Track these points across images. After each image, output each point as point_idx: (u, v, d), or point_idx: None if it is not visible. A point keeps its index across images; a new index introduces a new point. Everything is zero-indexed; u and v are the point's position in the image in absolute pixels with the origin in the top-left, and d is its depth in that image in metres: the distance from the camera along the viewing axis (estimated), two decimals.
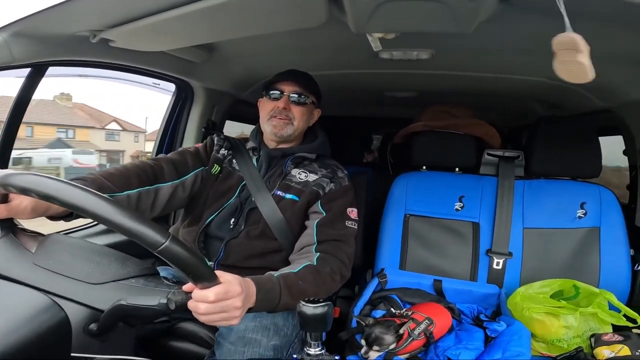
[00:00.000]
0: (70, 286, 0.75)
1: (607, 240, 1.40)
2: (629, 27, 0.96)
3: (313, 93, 1.30)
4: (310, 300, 0.74)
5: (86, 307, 0.75)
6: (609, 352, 1.09)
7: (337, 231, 1.16)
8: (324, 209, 1.19)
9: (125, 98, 14.01)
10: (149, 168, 1.16)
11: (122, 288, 0.77)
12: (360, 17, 0.93)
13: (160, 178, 1.17)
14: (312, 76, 1.32)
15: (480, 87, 1.84)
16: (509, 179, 1.49)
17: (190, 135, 1.82)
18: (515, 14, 0.90)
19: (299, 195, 1.21)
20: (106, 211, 0.63)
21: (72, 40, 1.07)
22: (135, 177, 1.11)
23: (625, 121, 1.62)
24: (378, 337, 1.06)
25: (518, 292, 1.29)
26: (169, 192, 1.19)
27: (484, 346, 1.10)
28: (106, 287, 0.77)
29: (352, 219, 1.21)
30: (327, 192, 1.22)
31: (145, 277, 0.82)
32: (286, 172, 1.25)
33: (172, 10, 0.93)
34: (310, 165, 1.27)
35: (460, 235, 1.49)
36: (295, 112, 1.26)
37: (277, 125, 1.25)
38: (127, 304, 0.72)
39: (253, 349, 1.03)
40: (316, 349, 0.76)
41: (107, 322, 0.74)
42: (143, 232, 0.63)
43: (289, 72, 1.30)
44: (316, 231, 1.15)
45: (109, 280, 0.78)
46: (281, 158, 1.28)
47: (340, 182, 1.25)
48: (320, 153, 1.31)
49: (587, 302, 1.26)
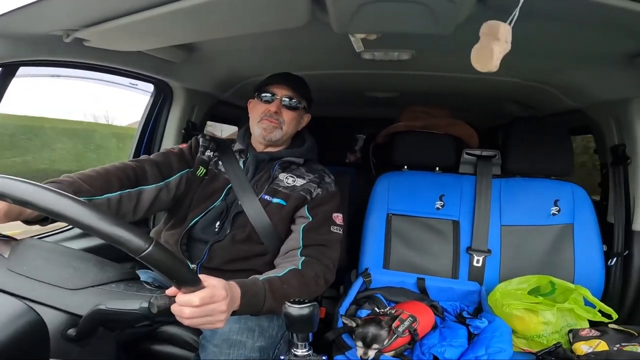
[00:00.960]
0: (47, 292, 0.73)
1: (581, 237, 1.45)
2: (597, 28, 1.00)
3: (305, 98, 1.30)
4: (296, 301, 0.73)
5: (63, 312, 0.73)
6: (587, 347, 1.13)
7: (322, 236, 1.16)
8: (310, 214, 1.19)
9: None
10: (131, 170, 1.12)
11: (102, 293, 0.75)
12: (343, 17, 0.93)
13: (143, 180, 1.14)
14: (305, 81, 1.31)
15: (459, 88, 1.87)
16: (487, 178, 1.53)
17: (169, 136, 1.78)
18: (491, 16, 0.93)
19: (286, 200, 1.21)
20: (85, 216, 0.61)
21: (44, 39, 1.04)
22: (116, 180, 1.07)
23: (596, 121, 1.68)
24: (375, 336, 1.07)
25: (498, 288, 1.32)
26: (152, 194, 1.16)
27: (467, 343, 1.12)
28: (85, 293, 0.75)
29: (338, 224, 1.21)
30: (314, 197, 1.21)
31: (125, 282, 0.80)
32: (274, 177, 1.24)
33: (150, 10, 0.90)
34: (298, 170, 1.27)
35: (441, 234, 1.51)
36: (286, 117, 1.25)
37: (266, 128, 1.24)
38: (106, 308, 0.71)
39: (238, 351, 1.02)
40: (303, 349, 0.76)
41: (86, 327, 0.73)
42: (125, 238, 0.62)
43: (283, 75, 1.29)
44: (302, 236, 1.15)
45: (88, 285, 0.76)
46: (269, 162, 1.27)
47: (327, 187, 1.25)
48: (308, 158, 1.31)
49: (563, 297, 1.30)
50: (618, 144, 1.55)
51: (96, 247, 1.40)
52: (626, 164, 1.53)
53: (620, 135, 1.55)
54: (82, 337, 0.73)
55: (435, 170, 1.60)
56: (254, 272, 1.02)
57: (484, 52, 0.70)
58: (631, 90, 1.41)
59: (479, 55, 0.71)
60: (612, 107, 1.54)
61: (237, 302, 0.86)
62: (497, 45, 0.69)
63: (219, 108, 2.02)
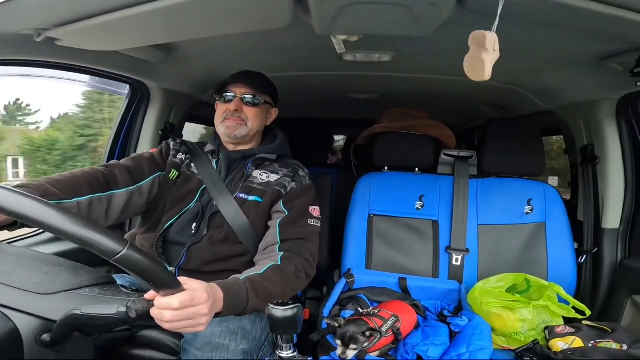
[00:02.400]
0: (18, 297, 0.71)
1: (553, 235, 1.50)
2: (568, 31, 1.04)
3: (267, 93, 1.30)
4: (280, 303, 0.73)
5: (36, 317, 0.71)
6: (563, 344, 1.17)
7: (299, 229, 1.16)
8: (286, 208, 1.18)
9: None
10: (100, 175, 1.12)
11: (75, 298, 0.74)
12: (325, 18, 0.93)
13: (113, 185, 1.13)
14: (266, 76, 1.32)
15: (437, 89, 1.91)
16: (464, 178, 1.57)
17: (146, 138, 1.74)
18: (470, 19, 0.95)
19: (261, 197, 1.20)
20: (55, 220, 0.59)
21: (14, 39, 0.99)
22: (85, 184, 1.06)
23: (566, 122, 1.75)
24: (353, 336, 1.07)
25: (477, 287, 1.35)
26: (124, 198, 1.14)
27: (449, 341, 1.14)
28: (57, 297, 0.73)
29: (315, 217, 1.21)
30: (289, 191, 1.21)
31: (100, 286, 0.79)
32: (247, 175, 1.24)
33: (127, 9, 0.88)
34: (271, 166, 1.27)
35: (421, 233, 1.54)
36: (249, 113, 1.25)
37: (229, 127, 1.24)
38: (81, 313, 0.69)
39: (221, 354, 1.01)
40: (288, 351, 0.76)
41: (61, 333, 0.71)
42: (98, 241, 0.59)
43: (240, 73, 1.29)
44: (279, 230, 1.14)
45: (60, 290, 0.74)
46: (241, 160, 1.26)
47: (301, 180, 1.25)
48: (281, 154, 1.31)
49: (538, 295, 1.34)
50: (587, 144, 1.61)
51: (69, 252, 1.35)
52: (595, 163, 1.59)
53: (589, 136, 1.61)
54: (57, 342, 0.71)
55: (415, 171, 1.63)
56: (234, 273, 1.02)
57: (476, 63, 0.72)
58: (600, 92, 1.47)
59: (471, 65, 0.73)
60: (581, 108, 1.60)
61: (220, 304, 0.85)
62: (486, 55, 0.71)
63: (198, 109, 1.98)
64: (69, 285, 0.75)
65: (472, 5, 0.85)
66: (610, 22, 0.86)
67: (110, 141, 1.73)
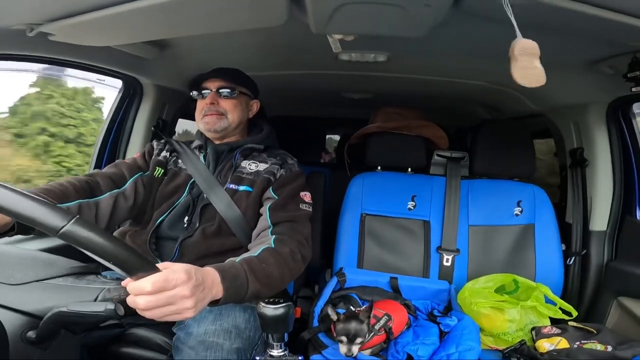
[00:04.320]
0: None
1: (541, 236, 1.51)
2: (560, 35, 1.05)
3: (243, 85, 1.30)
4: (271, 302, 0.73)
5: (21, 314, 0.70)
6: (549, 345, 1.18)
7: (290, 213, 1.16)
8: (276, 194, 1.19)
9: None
10: (84, 182, 1.13)
11: (46, 287, 0.73)
12: (320, 17, 0.93)
13: (97, 191, 1.15)
14: (240, 70, 1.32)
15: (431, 90, 1.92)
16: (456, 179, 1.58)
17: (138, 134, 1.72)
18: (464, 21, 0.96)
19: (251, 186, 1.21)
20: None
21: (6, 33, 0.98)
22: (72, 191, 1.07)
23: (556, 124, 1.77)
24: (358, 330, 1.08)
25: (466, 287, 1.37)
26: (110, 202, 1.15)
27: (439, 341, 1.16)
28: (28, 287, 0.72)
29: (306, 202, 1.21)
30: (279, 178, 1.22)
31: (75, 276, 0.78)
32: (236, 165, 1.24)
33: (121, 5, 0.87)
34: (260, 156, 1.28)
35: (412, 234, 1.55)
36: (226, 106, 1.26)
37: (209, 122, 1.25)
38: (67, 310, 0.68)
39: (215, 353, 1.00)
40: (279, 350, 0.76)
41: (47, 330, 0.70)
42: (38, 213, 0.54)
43: (214, 69, 1.30)
44: (269, 214, 1.14)
45: (32, 280, 0.73)
46: (229, 152, 1.27)
47: (290, 167, 1.25)
48: (268, 144, 1.31)
49: (526, 295, 1.35)
50: (576, 147, 1.63)
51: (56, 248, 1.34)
52: (584, 166, 1.61)
53: (579, 139, 1.63)
54: (43, 339, 0.71)
55: (407, 171, 1.64)
56: None
57: (533, 72, 0.75)
58: (590, 95, 1.48)
59: (530, 76, 0.75)
60: (571, 111, 1.62)
61: (218, 289, 0.80)
62: (538, 62, 0.74)
63: (191, 105, 1.97)
64: (41, 275, 0.74)
65: (468, 7, 0.86)
66: (602, 25, 0.87)
67: (101, 137, 1.71)
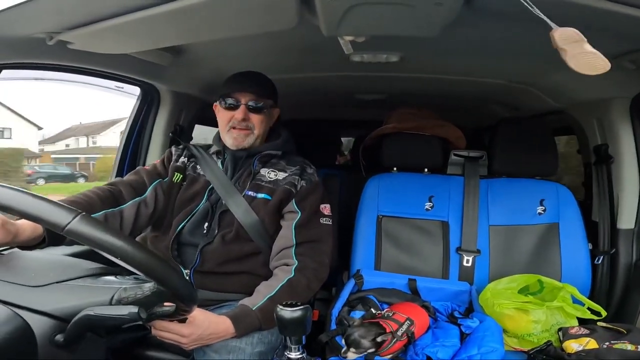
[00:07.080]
0: (10, 290, 0.72)
1: (566, 235, 1.47)
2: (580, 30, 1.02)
3: (269, 96, 1.28)
4: (289, 304, 0.73)
5: (49, 317, 0.71)
6: (577, 346, 1.14)
7: (313, 231, 1.18)
8: (299, 208, 1.19)
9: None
10: (108, 192, 1.15)
11: (65, 288, 0.75)
12: (331, 20, 0.93)
13: (121, 200, 1.17)
14: (265, 76, 1.29)
15: (446, 89, 1.90)
16: (474, 179, 1.55)
17: (156, 140, 1.76)
18: (478, 18, 0.94)
19: (271, 194, 1.21)
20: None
21: (26, 42, 1.01)
22: (97, 201, 1.10)
23: (578, 121, 1.72)
24: (356, 340, 1.06)
25: (488, 288, 1.33)
26: (133, 211, 1.17)
27: (460, 343, 1.13)
28: (48, 289, 0.74)
29: (326, 215, 1.23)
30: (299, 190, 1.22)
31: (94, 277, 0.79)
32: (255, 172, 1.24)
33: (137, 12, 0.89)
34: (278, 164, 1.27)
35: (430, 235, 1.52)
36: (255, 120, 1.24)
37: (237, 137, 1.24)
38: (94, 314, 0.69)
39: (237, 357, 1.03)
40: (296, 352, 0.76)
41: (74, 333, 0.71)
42: (44, 211, 0.56)
43: (242, 79, 1.26)
44: (295, 233, 1.16)
45: (51, 282, 0.75)
46: (247, 158, 1.27)
47: (310, 178, 1.25)
48: (286, 150, 1.31)
49: (552, 296, 1.31)
50: (601, 143, 1.59)
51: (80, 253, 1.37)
52: (609, 163, 1.56)
53: (603, 135, 1.58)
54: (70, 342, 0.72)
55: (424, 172, 1.62)
56: (249, 275, 1.05)
57: (590, 58, 0.70)
58: (613, 90, 1.44)
59: (587, 64, 0.71)
60: (594, 107, 1.58)
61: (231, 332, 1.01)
62: (588, 46, 0.69)
63: (207, 111, 2.00)
64: (62, 277, 0.76)
65: (481, 4, 0.85)
66: (622, 20, 0.85)
67: (123, 142, 1.75)
